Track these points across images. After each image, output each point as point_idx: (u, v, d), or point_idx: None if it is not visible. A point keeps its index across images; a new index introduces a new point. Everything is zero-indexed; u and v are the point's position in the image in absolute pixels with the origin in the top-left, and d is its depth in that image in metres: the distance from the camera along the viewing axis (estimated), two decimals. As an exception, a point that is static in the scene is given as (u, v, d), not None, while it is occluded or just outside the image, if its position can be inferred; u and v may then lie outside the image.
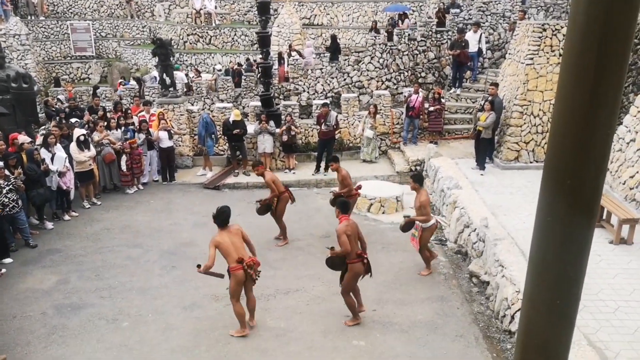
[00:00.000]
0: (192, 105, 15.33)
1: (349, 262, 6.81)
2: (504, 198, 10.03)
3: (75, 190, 11.14)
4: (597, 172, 1.97)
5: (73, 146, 10.98)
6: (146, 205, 11.64)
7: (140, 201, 11.84)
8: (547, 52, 11.27)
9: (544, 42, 11.25)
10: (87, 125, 12.23)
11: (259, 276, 6.80)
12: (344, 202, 7.16)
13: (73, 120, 12.50)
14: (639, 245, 7.88)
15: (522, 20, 14.06)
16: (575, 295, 2.42)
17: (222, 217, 6.67)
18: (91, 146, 11.33)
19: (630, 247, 7.83)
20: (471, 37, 14.90)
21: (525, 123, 11.60)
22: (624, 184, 9.26)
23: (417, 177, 8.34)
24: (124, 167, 11.97)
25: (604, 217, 8.47)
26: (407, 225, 8.45)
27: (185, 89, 16.74)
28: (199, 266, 6.62)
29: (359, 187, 9.94)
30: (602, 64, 1.78)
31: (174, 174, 13.06)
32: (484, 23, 16.07)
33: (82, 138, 11.06)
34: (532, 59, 11.33)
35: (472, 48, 14.89)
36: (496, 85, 12.21)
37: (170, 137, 12.77)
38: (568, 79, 1.85)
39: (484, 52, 15.64)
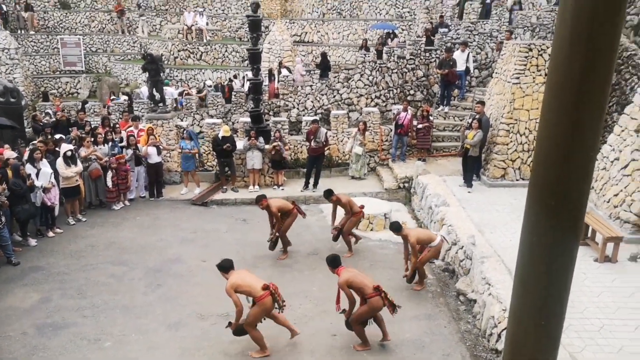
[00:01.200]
0: (182, 120, 15.31)
1: (367, 297, 6.62)
2: (491, 215, 10.08)
3: (60, 207, 11.01)
4: (581, 192, 1.98)
5: (60, 162, 10.88)
6: (132, 221, 11.52)
7: (127, 217, 11.72)
8: (533, 72, 11.45)
9: (530, 62, 11.44)
10: (74, 141, 12.14)
11: (284, 304, 6.74)
12: (332, 258, 6.92)
13: (58, 136, 12.39)
14: (624, 263, 7.93)
15: (508, 40, 14.31)
16: (560, 314, 2.43)
17: (228, 264, 6.69)
18: (78, 161, 11.23)
19: (615, 265, 7.88)
20: (459, 56, 15.13)
21: (511, 141, 11.73)
22: (608, 202, 9.36)
23: (393, 226, 8.32)
24: (109, 183, 11.87)
25: (589, 235, 8.53)
26: (412, 275, 8.45)
27: (174, 105, 16.75)
28: (230, 324, 6.66)
29: (362, 207, 9.92)
30: (585, 84, 1.78)
31: (161, 190, 12.97)
32: (471, 42, 16.33)
33: (69, 153, 10.97)
34: (518, 78, 11.51)
35: (460, 67, 15.10)
36: (483, 103, 12.35)
37: (159, 152, 12.72)
38: (552, 99, 1.86)
39: (472, 71, 15.86)
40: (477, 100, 13.76)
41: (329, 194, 9.70)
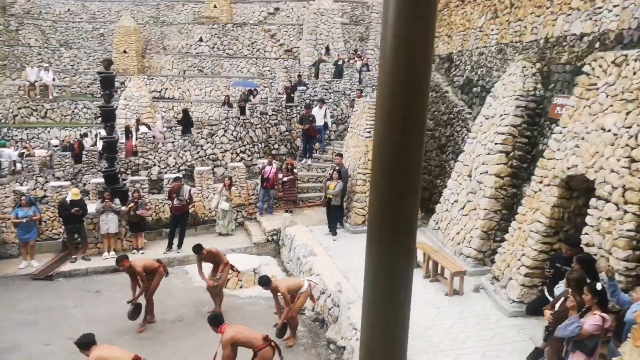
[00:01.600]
0: (22, 185, 13.61)
1: (257, 350, 6.39)
2: (355, 261, 10.48)
3: None
4: (410, 221, 2.16)
5: None
6: (-46, 306, 9.66)
7: (-53, 302, 9.80)
8: (381, 126, 12.55)
9: (378, 117, 12.54)
10: None
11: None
12: (213, 317, 6.73)
13: None
14: (469, 294, 8.75)
15: (359, 98, 15.59)
16: (402, 341, 2.53)
17: (88, 339, 5.90)
18: None
19: (462, 297, 8.65)
20: (317, 112, 16.04)
21: (368, 190, 12.53)
22: (452, 240, 10.38)
23: (262, 280, 8.24)
24: None
25: (439, 272, 9.31)
26: (282, 330, 8.31)
27: (13, 167, 14.91)
28: None
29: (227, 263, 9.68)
30: (404, 140, 2.00)
31: (-6, 266, 11.20)
32: (328, 100, 17.47)
33: None
34: (370, 132, 12.48)
35: (319, 122, 15.99)
36: (341, 155, 13.12)
37: (-10, 223, 11.06)
38: (379, 151, 2.09)
39: (330, 126, 16.88)
40: (336, 152, 14.59)
41: (199, 249, 9.21)
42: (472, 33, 14.67)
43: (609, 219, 6.53)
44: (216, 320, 6.61)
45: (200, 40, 25.81)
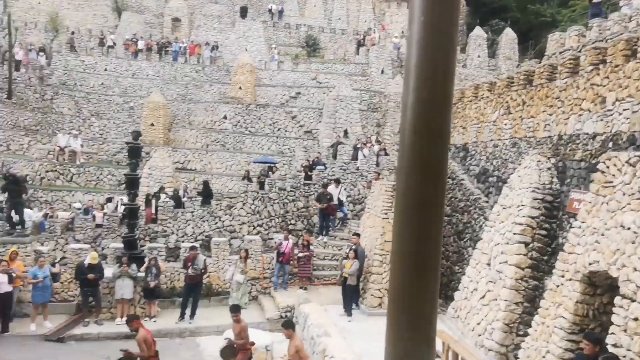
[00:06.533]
0: (42, 245, 13.82)
1: None
2: (371, 345, 10.22)
3: None
4: (431, 312, 2.23)
5: None
6: (-38, 365, 9.51)
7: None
8: (400, 209, 12.81)
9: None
10: None
11: None
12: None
13: None
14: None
15: (377, 180, 16.07)
16: None
17: None
18: None
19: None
20: (332, 190, 16.48)
21: (385, 271, 12.53)
22: (472, 330, 10.18)
23: (288, 324, 8.29)
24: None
25: (459, 361, 9.05)
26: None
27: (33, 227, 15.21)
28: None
29: (253, 344, 9.47)
30: (422, 216, 2.09)
31: (8, 324, 11.09)
32: (345, 180, 17.98)
33: None
34: (387, 213, 12.74)
35: (334, 200, 16.38)
36: (359, 235, 13.29)
37: (10, 280, 11.13)
38: (398, 236, 2.20)
39: (345, 203, 17.18)
40: (353, 232, 14.77)
41: (236, 310, 9.28)
42: (486, 126, 15.35)
43: (636, 319, 6.32)
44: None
45: (225, 117, 27.10)
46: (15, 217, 14.57)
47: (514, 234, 9.87)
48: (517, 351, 8.86)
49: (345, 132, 24.05)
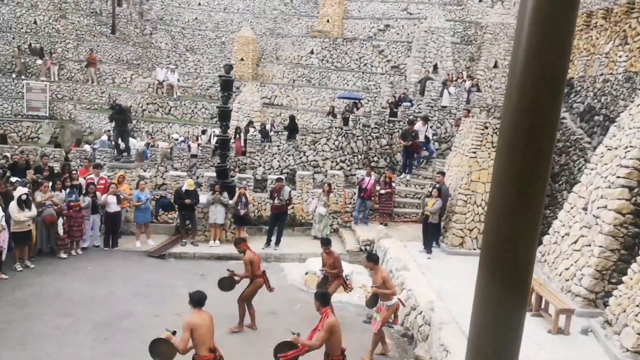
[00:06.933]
0: (145, 171, 15.12)
1: (332, 358, 6.25)
2: (450, 283, 10.25)
3: (8, 251, 10.42)
4: (527, 264, 2.08)
5: (13, 205, 10.43)
6: (83, 271, 10.99)
7: (77, 267, 11.18)
8: (489, 148, 12.19)
9: (486, 139, 12.21)
10: (29, 185, 11.74)
11: None
12: (324, 294, 6.62)
13: (14, 179, 11.97)
14: (576, 335, 8.16)
15: (466, 117, 15.28)
16: None
17: (200, 297, 6.21)
18: (32, 206, 10.80)
19: (567, 337, 8.09)
20: (419, 128, 15.96)
21: (469, 211, 12.21)
22: (560, 275, 9.75)
23: (371, 257, 8.49)
24: (60, 231, 11.36)
25: (542, 306, 8.79)
26: (372, 298, 8.31)
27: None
28: (174, 333, 5.95)
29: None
30: (528, 160, 1.90)
31: (117, 240, 12.54)
32: (432, 117, 17.32)
33: (23, 197, 10.56)
34: (475, 152, 12.20)
35: (420, 138, 15.90)
36: (443, 174, 12.94)
37: (119, 201, 12.42)
38: (499, 176, 2.02)
39: (431, 141, 16.66)
40: (437, 170, 14.40)
41: (327, 243, 9.49)
42: (596, 59, 13.78)
43: None
44: (325, 299, 6.47)
45: (311, 52, 26.88)
46: (122, 145, 16.01)
47: (618, 177, 9.04)
48: (607, 299, 8.40)
49: (435, 66, 22.85)
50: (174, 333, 5.95)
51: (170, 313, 9.37)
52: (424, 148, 16.34)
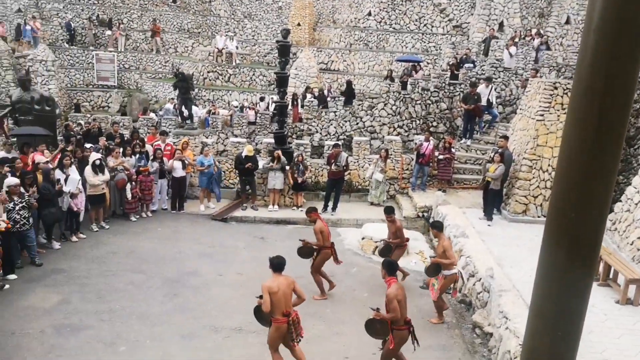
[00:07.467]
0: (207, 138, 15.65)
1: (395, 329, 6.32)
2: (511, 250, 9.99)
3: (85, 213, 11.28)
4: (596, 232, 1.98)
5: (88, 170, 11.20)
6: (153, 232, 11.72)
7: (148, 228, 11.93)
8: (558, 110, 11.49)
9: (555, 100, 11.50)
10: (102, 150, 12.52)
11: (299, 339, 6.49)
12: (391, 263, 6.62)
13: (88, 145, 12.78)
14: (646, 306, 7.76)
15: (534, 78, 14.41)
16: (573, 348, 2.41)
17: (279, 262, 6.40)
18: (106, 171, 11.54)
19: (637, 308, 7.71)
20: (482, 90, 15.27)
21: (534, 177, 11.69)
22: (631, 244, 9.21)
23: (436, 224, 8.53)
24: (129, 195, 12.09)
25: (611, 276, 8.39)
26: (433, 268, 8.27)
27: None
28: (260, 297, 6.29)
29: (408, 239, 9.87)
30: (602, 123, 1.78)
31: (183, 204, 13.20)
32: (496, 79, 16.49)
33: (97, 162, 11.30)
34: (542, 115, 11.55)
35: (483, 101, 15.22)
36: (507, 138, 12.39)
37: (184, 167, 12.99)
38: (570, 138, 1.90)
39: (494, 104, 15.93)
40: (500, 135, 13.81)
41: (390, 211, 9.54)
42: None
43: None
44: (391, 267, 6.53)
45: (369, 14, 26.13)
46: (185, 112, 16.59)
47: None
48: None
49: (501, 24, 21.57)
50: (261, 297, 6.27)
51: (233, 272, 9.86)
52: (487, 112, 15.67)
